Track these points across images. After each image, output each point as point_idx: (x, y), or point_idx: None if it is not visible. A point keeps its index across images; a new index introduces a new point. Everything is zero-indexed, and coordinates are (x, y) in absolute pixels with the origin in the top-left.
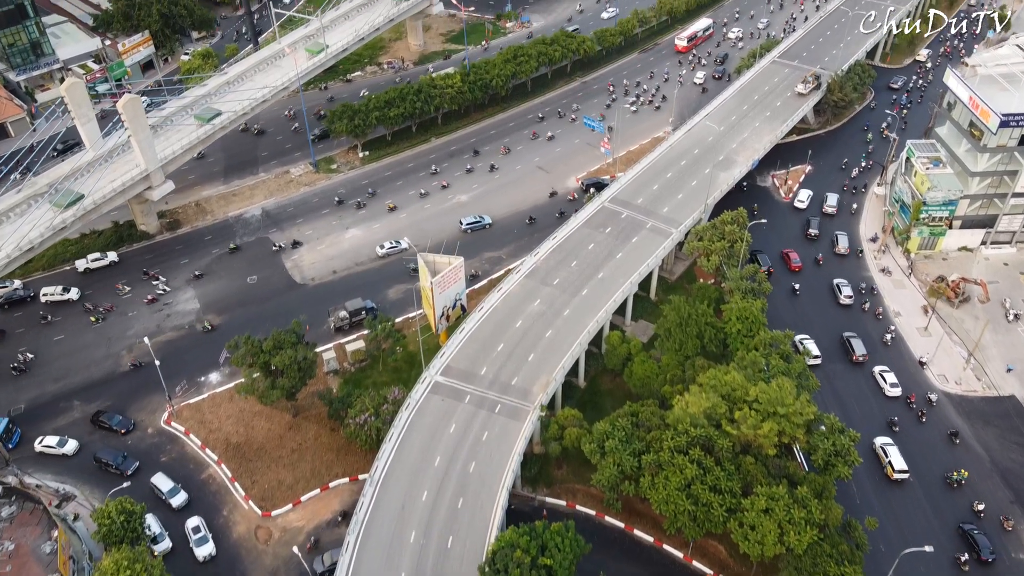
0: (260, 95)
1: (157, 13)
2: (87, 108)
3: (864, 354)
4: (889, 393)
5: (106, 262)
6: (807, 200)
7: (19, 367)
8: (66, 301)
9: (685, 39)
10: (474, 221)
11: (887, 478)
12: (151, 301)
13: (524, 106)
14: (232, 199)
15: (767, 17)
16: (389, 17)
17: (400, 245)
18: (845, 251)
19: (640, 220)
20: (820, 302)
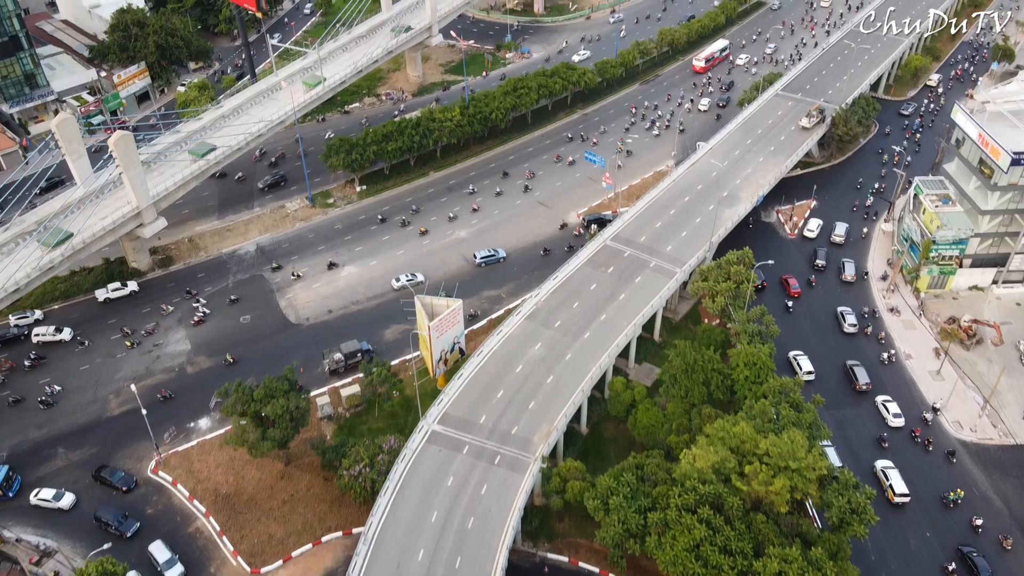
0: (255, 129)
1: (153, 44)
2: (78, 144)
3: (867, 383)
4: (892, 423)
5: (126, 292)
6: (816, 230)
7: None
8: (58, 342)
9: (703, 60)
10: (489, 255)
11: (888, 502)
12: (198, 323)
13: (524, 139)
14: (226, 235)
15: (775, 43)
16: (388, 49)
17: (417, 278)
18: (851, 279)
19: (643, 259)
20: (822, 329)
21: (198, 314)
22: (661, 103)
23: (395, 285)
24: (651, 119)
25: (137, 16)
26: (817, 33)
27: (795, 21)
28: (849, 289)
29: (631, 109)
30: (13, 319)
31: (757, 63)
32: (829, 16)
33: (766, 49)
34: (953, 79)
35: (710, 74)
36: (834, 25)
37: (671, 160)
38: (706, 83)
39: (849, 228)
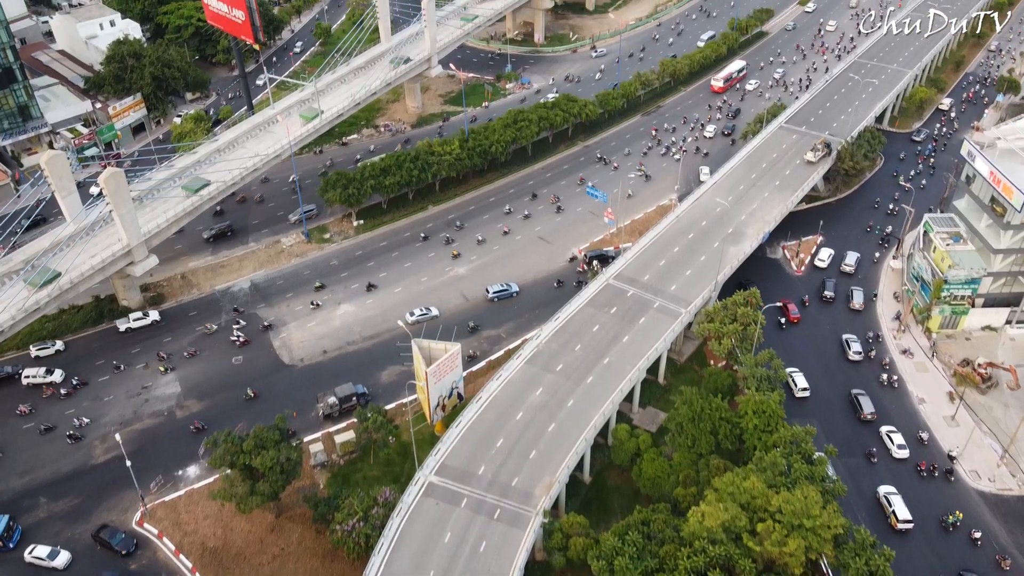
0: (251, 164)
1: (150, 76)
2: (68, 180)
3: (872, 412)
4: (896, 455)
5: (148, 321)
6: (828, 259)
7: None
8: (48, 384)
9: (721, 80)
10: (501, 289)
11: (891, 528)
12: (243, 344)
13: (524, 171)
14: (220, 271)
15: (782, 68)
16: (386, 81)
17: (431, 312)
18: (860, 307)
19: (647, 299)
20: (826, 356)
21: (236, 336)
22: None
23: (409, 320)
24: (666, 144)
25: (133, 47)
26: (828, 58)
27: (806, 45)
28: (857, 317)
29: (652, 131)
30: (34, 349)
31: (772, 86)
32: (840, 40)
33: (774, 74)
34: (965, 102)
35: (725, 97)
36: (844, 50)
37: (674, 194)
38: (714, 109)
39: (860, 258)
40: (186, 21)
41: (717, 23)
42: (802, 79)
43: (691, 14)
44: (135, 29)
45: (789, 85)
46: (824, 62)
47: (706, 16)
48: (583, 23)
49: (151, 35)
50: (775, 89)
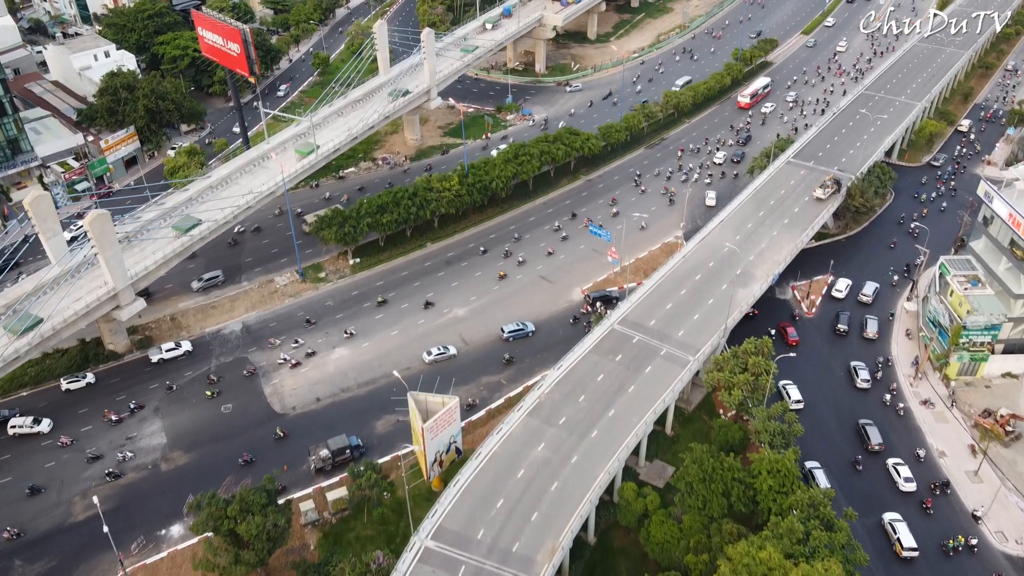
0: (243, 202)
1: (143, 108)
2: (53, 221)
3: (880, 443)
4: (903, 488)
5: (180, 352)
6: (845, 290)
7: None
8: (35, 434)
9: (748, 96)
10: (517, 329)
11: (896, 556)
12: (294, 366)
13: (526, 207)
14: (210, 312)
15: (796, 91)
16: (384, 115)
17: (448, 351)
18: (874, 336)
19: (653, 346)
20: (835, 384)
21: (288, 357)
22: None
23: (426, 359)
24: (683, 171)
25: (127, 79)
26: (845, 81)
27: (822, 67)
28: (869, 346)
29: (679, 152)
30: (64, 383)
31: (791, 107)
32: (857, 61)
33: (787, 97)
34: (984, 121)
35: (749, 117)
36: (861, 72)
37: (679, 231)
38: (724, 134)
39: (878, 289)
40: (182, 51)
41: (706, 61)
42: (819, 99)
43: (675, 54)
44: (130, 60)
45: (805, 105)
46: (842, 84)
47: (690, 57)
48: (585, 52)
49: (147, 65)
50: (792, 111)
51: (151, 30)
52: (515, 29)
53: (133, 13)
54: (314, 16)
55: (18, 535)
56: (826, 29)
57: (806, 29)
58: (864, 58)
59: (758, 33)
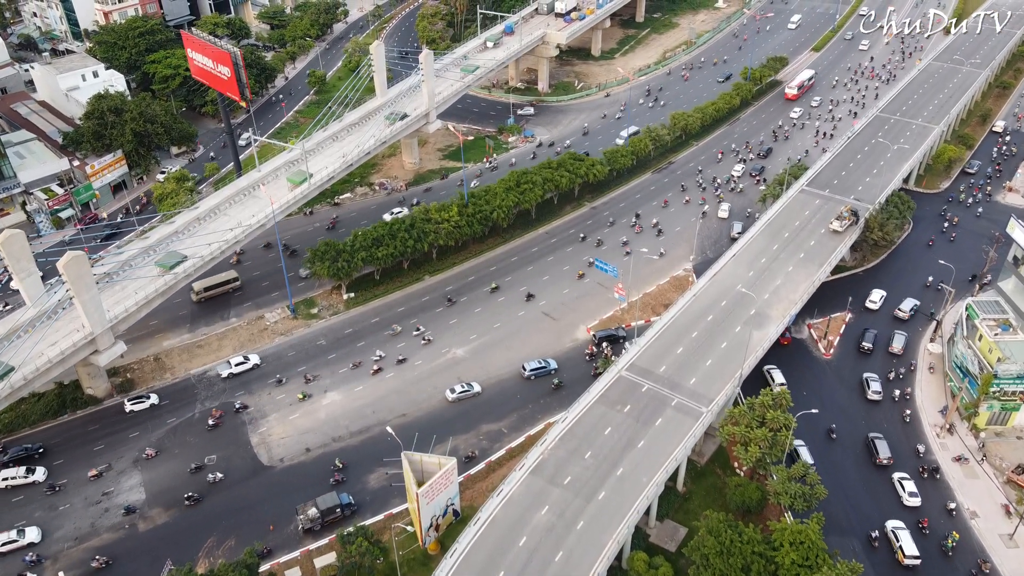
0: (232, 236)
1: (131, 132)
2: (27, 261)
3: (889, 457)
4: (908, 503)
5: (249, 365)
6: (879, 302)
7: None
8: (31, 484)
9: (795, 87)
10: (539, 367)
11: (898, 563)
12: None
13: (528, 236)
14: (197, 352)
15: (820, 95)
16: (381, 139)
17: (472, 389)
18: (899, 351)
19: (664, 395)
20: (848, 394)
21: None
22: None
23: (450, 397)
24: (711, 187)
25: (114, 102)
26: (879, 85)
27: (852, 70)
28: (890, 360)
29: (718, 153)
30: (129, 404)
31: (821, 106)
32: (887, 63)
33: (812, 102)
34: (1020, 120)
35: (792, 115)
36: (891, 75)
37: (689, 263)
38: (744, 147)
39: (918, 305)
40: (173, 71)
41: (674, 103)
42: (854, 97)
43: (640, 99)
44: (119, 80)
45: (836, 107)
46: (876, 88)
47: (653, 100)
48: (589, 70)
49: (138, 84)
50: (817, 122)
51: (142, 48)
52: (517, 47)
53: (124, 30)
54: (311, 32)
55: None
56: (843, 41)
57: (816, 46)
58: (895, 58)
59: (727, 77)
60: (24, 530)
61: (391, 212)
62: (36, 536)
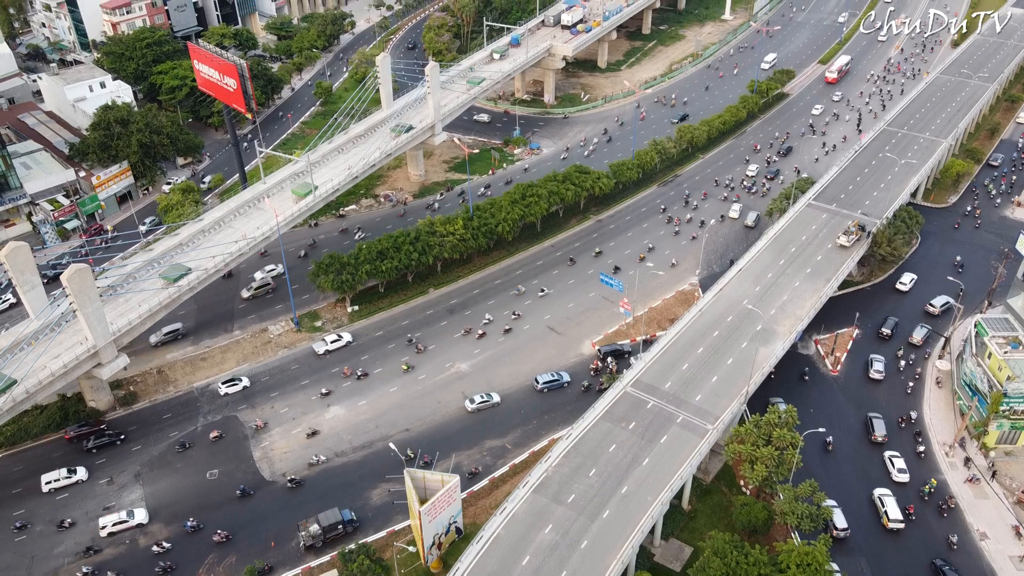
0: (236, 248)
1: (137, 143)
2: (32, 274)
3: (884, 435)
4: (896, 478)
5: (343, 343)
6: (910, 284)
7: None
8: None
9: (835, 71)
10: (552, 379)
11: (883, 527)
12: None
13: (533, 249)
14: (200, 365)
15: (842, 90)
16: (387, 152)
17: (492, 399)
18: (919, 342)
19: (669, 412)
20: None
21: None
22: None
23: (469, 407)
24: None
25: (120, 113)
26: (905, 81)
27: (878, 66)
28: (906, 349)
29: (754, 147)
30: (224, 387)
31: (838, 100)
32: (909, 57)
33: (833, 96)
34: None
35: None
36: (917, 71)
37: (695, 277)
38: (763, 146)
39: (951, 302)
40: (180, 82)
41: (646, 132)
42: (883, 88)
43: (595, 138)
44: (126, 91)
45: (863, 102)
46: (902, 83)
47: (607, 140)
48: (595, 81)
49: (144, 95)
50: (839, 124)
51: (150, 59)
52: (523, 59)
53: (132, 41)
54: (318, 43)
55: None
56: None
57: (823, 59)
58: (916, 51)
59: (682, 117)
60: (133, 511)
61: (261, 270)
62: (144, 517)
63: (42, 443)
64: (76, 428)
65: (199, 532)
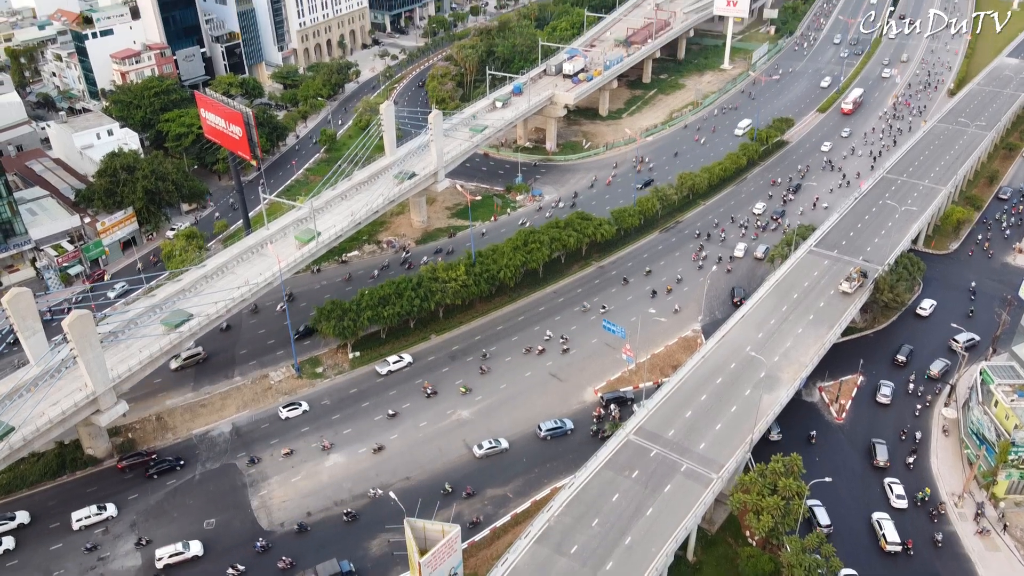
0: (238, 294)
1: (142, 189)
2: (33, 320)
3: (887, 460)
4: (895, 504)
5: (403, 364)
6: (930, 309)
7: None
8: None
9: (851, 103)
10: (555, 427)
11: (881, 550)
12: None
13: (535, 295)
14: (199, 411)
15: (850, 126)
16: (390, 198)
17: (500, 445)
18: (936, 375)
19: (673, 461)
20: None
21: None
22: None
23: (477, 453)
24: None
25: (127, 160)
26: (913, 119)
27: (885, 104)
28: (928, 384)
29: (772, 182)
30: (284, 411)
31: (847, 136)
32: (916, 94)
33: (842, 132)
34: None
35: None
36: (924, 107)
37: (697, 323)
38: (772, 183)
39: (975, 339)
40: (187, 129)
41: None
42: (892, 125)
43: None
44: (132, 139)
45: (873, 140)
46: (909, 119)
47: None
48: (596, 129)
49: (151, 142)
50: (853, 159)
51: (157, 107)
52: (526, 107)
53: (140, 90)
54: (323, 91)
55: None
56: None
57: (822, 107)
58: (922, 86)
59: (646, 183)
60: (188, 543)
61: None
62: (200, 550)
63: (37, 491)
64: (127, 457)
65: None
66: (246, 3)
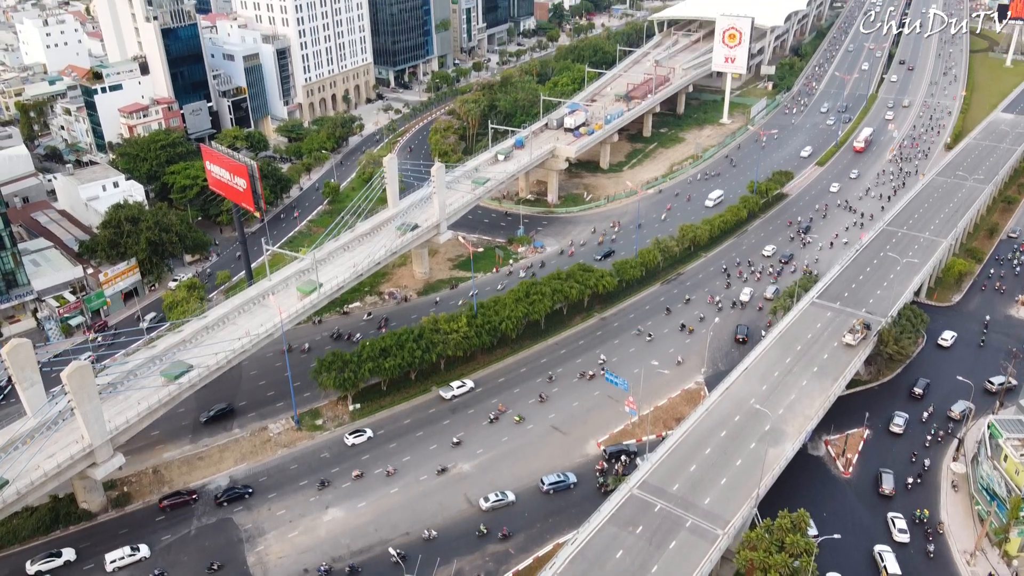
0: (239, 345)
1: (145, 241)
2: (32, 371)
3: (892, 489)
4: (897, 539)
5: (466, 389)
6: (951, 340)
7: None
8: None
9: (862, 141)
10: (558, 480)
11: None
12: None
13: (537, 347)
14: (197, 464)
15: (858, 168)
16: (392, 250)
17: (507, 498)
18: (957, 415)
19: (677, 516)
20: None
21: None
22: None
23: (483, 505)
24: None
25: (131, 212)
26: (920, 162)
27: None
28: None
29: (788, 223)
30: (351, 437)
31: (854, 178)
32: (921, 135)
33: (851, 174)
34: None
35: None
36: (925, 155)
37: (700, 375)
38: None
39: (1007, 381)
40: (192, 181)
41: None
42: (901, 167)
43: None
44: (138, 191)
45: (882, 184)
46: (916, 162)
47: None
48: (597, 182)
49: (156, 194)
50: (868, 199)
51: (163, 159)
52: (527, 161)
53: (147, 143)
54: (327, 144)
55: None
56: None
57: (820, 160)
58: (923, 131)
59: (606, 254)
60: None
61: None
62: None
63: (29, 547)
64: (168, 497)
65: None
66: (253, 60)
